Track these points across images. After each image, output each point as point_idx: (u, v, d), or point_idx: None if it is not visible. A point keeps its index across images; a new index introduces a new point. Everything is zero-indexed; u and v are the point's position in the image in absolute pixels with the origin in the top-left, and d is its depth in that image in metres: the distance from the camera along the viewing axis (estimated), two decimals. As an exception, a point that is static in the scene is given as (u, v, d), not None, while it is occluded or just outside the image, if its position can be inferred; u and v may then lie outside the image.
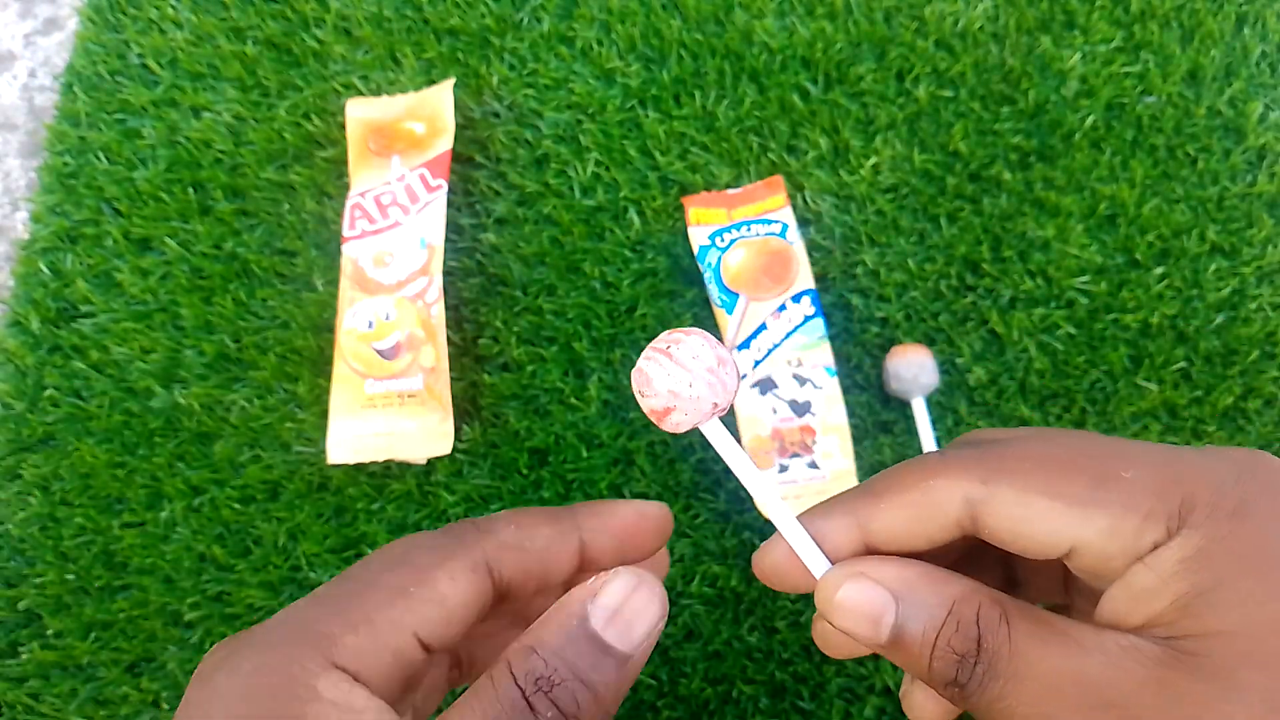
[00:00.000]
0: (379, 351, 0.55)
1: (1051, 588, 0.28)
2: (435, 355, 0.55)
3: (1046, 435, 0.25)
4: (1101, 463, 0.22)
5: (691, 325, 0.58)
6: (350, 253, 0.57)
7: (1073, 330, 0.57)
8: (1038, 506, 0.22)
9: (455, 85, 0.61)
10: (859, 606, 0.23)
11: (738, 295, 0.55)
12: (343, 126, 0.62)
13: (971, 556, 0.27)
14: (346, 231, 0.58)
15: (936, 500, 0.23)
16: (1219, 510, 0.21)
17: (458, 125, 0.61)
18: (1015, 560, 0.28)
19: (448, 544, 0.24)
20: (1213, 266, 0.57)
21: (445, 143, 0.58)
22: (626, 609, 0.22)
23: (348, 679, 0.21)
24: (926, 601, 0.22)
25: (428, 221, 0.57)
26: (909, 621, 0.22)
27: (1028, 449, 0.23)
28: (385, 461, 0.55)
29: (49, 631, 0.54)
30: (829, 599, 0.23)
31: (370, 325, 0.56)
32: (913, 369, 0.54)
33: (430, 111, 0.60)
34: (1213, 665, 0.19)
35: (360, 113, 0.61)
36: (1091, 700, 0.20)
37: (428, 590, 0.23)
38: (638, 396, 0.24)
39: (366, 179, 0.59)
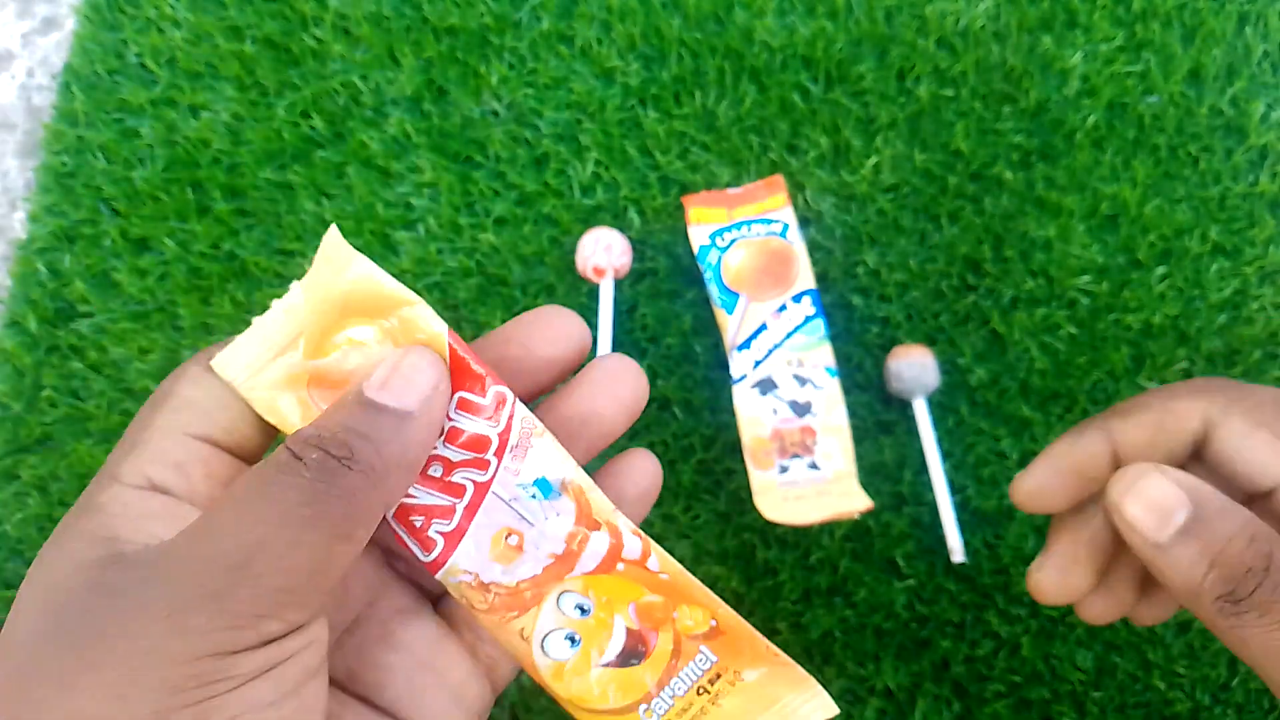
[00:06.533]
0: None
1: None
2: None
3: None
4: None
5: (691, 325, 0.57)
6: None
7: (1074, 330, 0.56)
8: (1261, 438, 0.25)
9: (455, 84, 0.61)
10: (1156, 498, 0.24)
11: (738, 295, 0.55)
12: (338, 126, 0.61)
13: None
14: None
15: (1179, 417, 0.26)
16: None
17: (458, 124, 0.61)
18: None
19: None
20: (1215, 266, 0.57)
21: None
22: (397, 375, 0.21)
23: (139, 489, 0.21)
24: (1222, 511, 0.24)
25: (427, 221, 0.57)
26: (1200, 523, 0.23)
27: (1265, 394, 0.26)
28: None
29: (47, 633, 0.53)
30: (1126, 486, 0.25)
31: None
32: (914, 369, 0.53)
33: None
34: None
35: None
36: None
37: (180, 390, 0.22)
38: None
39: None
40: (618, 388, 0.26)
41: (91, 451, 0.56)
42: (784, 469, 0.53)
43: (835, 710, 0.24)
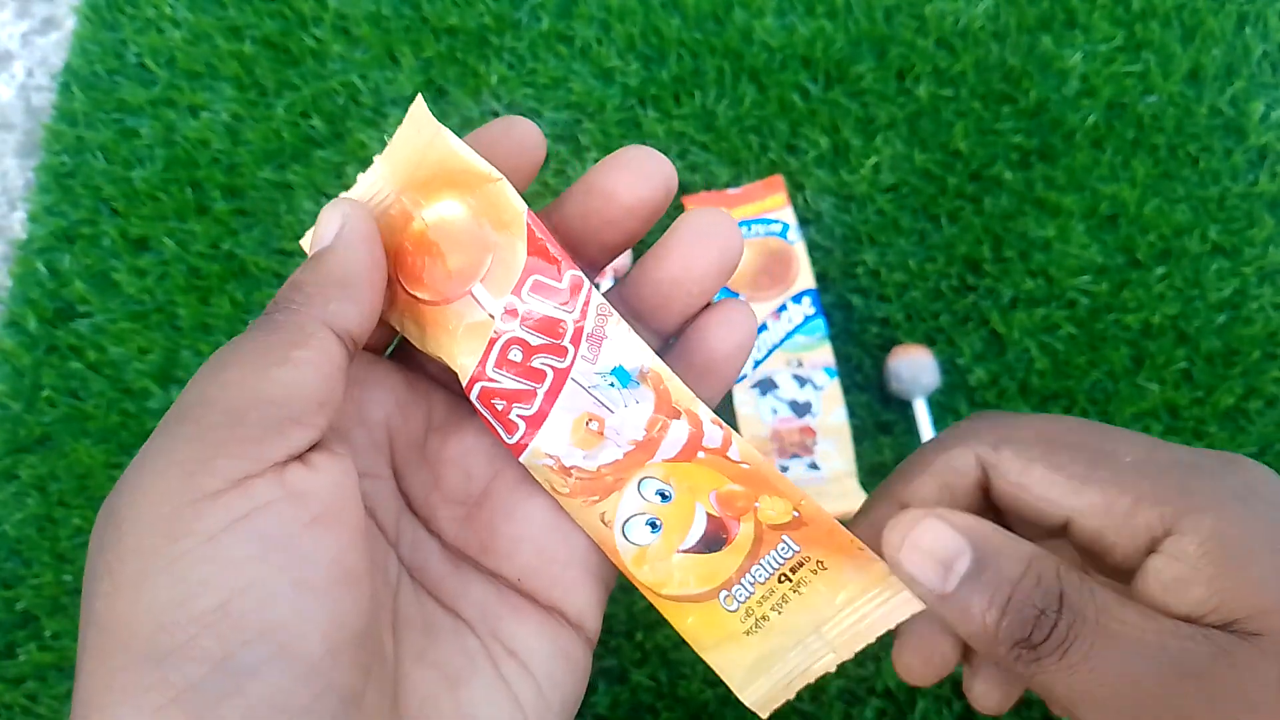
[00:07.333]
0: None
1: None
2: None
3: (1055, 417, 0.26)
4: (1101, 445, 0.23)
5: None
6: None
7: (1074, 330, 0.56)
8: (1037, 475, 0.23)
9: (454, 84, 0.61)
10: (934, 547, 0.22)
11: (737, 295, 0.55)
12: (338, 126, 0.61)
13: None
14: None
15: (956, 465, 0.25)
16: (1221, 497, 0.21)
17: (457, 125, 0.61)
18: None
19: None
20: (1214, 266, 0.57)
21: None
22: (315, 229, 0.23)
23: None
24: (1005, 552, 0.22)
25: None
26: (984, 570, 0.21)
27: (1035, 424, 0.24)
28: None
29: (46, 633, 0.53)
30: (901, 537, 0.22)
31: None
32: (913, 369, 0.53)
33: None
34: (1274, 643, 0.20)
35: None
36: (1176, 668, 0.20)
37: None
38: None
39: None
40: (708, 245, 0.24)
41: (90, 451, 0.56)
42: (783, 469, 0.53)
43: (920, 606, 0.23)
